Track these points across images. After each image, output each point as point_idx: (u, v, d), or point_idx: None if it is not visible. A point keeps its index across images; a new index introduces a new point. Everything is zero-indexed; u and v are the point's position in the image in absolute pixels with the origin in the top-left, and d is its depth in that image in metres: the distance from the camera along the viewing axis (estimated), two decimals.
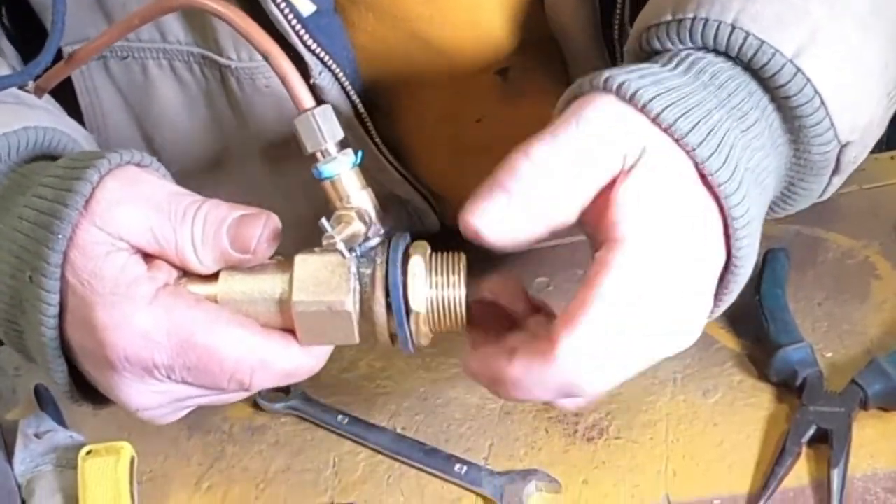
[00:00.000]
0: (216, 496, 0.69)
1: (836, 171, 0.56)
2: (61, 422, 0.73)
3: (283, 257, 0.53)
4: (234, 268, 0.52)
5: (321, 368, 0.54)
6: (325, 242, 0.49)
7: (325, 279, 0.50)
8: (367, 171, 0.54)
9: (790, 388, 0.64)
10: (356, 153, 0.53)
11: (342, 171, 0.52)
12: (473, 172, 0.50)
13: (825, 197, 0.59)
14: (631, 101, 0.47)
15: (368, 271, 0.50)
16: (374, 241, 0.51)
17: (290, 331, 0.52)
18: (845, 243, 0.75)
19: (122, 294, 0.49)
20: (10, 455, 0.71)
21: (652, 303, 0.45)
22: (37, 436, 0.72)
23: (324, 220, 0.50)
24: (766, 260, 0.71)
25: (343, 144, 0.53)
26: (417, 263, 0.50)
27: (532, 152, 0.45)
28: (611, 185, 0.46)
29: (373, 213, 0.52)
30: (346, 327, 0.50)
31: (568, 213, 0.46)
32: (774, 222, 0.60)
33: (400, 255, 0.50)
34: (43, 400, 0.75)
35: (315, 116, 0.52)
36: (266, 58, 0.53)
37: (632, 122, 0.47)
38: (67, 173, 0.50)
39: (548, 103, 0.52)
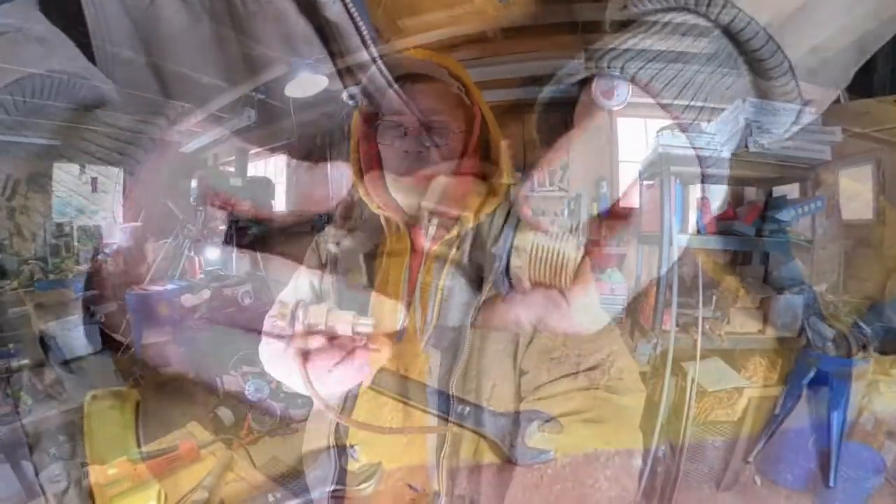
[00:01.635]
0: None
1: (796, 122, 0.58)
2: (68, 369, 0.73)
3: None
4: None
5: None
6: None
7: None
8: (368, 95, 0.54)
9: (792, 331, 0.65)
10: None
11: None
12: None
13: (785, 136, 0.60)
14: None
15: None
16: None
17: None
18: (851, 187, 0.74)
19: None
20: (17, 403, 0.71)
21: None
22: (43, 382, 0.72)
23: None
24: (770, 204, 0.71)
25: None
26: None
27: None
28: None
29: None
30: None
31: None
32: (778, 164, 0.60)
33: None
34: (48, 349, 0.76)
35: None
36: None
37: None
38: None
39: (545, 34, 0.53)
